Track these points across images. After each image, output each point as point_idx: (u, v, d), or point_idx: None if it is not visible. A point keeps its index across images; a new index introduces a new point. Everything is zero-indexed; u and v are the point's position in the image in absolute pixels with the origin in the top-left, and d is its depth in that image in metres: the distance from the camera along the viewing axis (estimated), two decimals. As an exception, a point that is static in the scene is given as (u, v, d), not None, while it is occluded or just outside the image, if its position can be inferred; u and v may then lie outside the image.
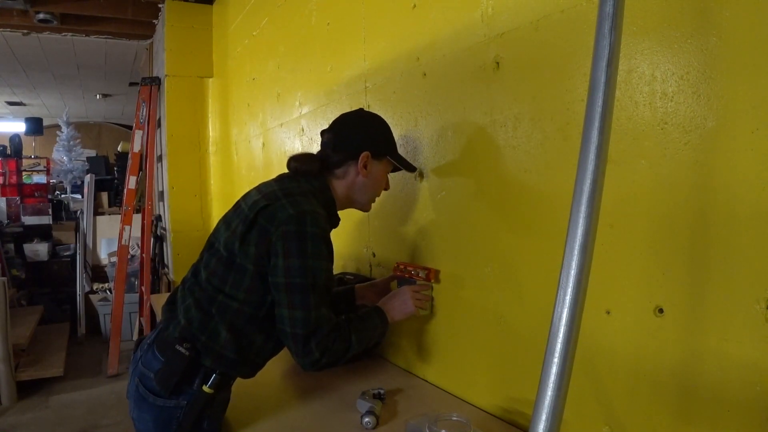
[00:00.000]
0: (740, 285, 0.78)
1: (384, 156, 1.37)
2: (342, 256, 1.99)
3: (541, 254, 1.13)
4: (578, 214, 0.71)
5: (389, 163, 1.39)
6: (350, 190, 1.36)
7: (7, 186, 6.53)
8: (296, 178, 1.30)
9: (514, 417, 1.23)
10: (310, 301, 1.15)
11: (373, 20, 1.73)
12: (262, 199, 1.21)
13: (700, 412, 0.84)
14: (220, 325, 1.19)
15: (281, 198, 1.19)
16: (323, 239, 1.19)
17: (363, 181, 1.35)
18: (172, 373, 1.17)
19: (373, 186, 1.39)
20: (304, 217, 1.16)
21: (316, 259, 1.16)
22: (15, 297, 4.83)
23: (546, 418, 0.69)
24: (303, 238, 1.14)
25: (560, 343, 0.69)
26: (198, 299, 1.22)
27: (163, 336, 1.22)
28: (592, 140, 0.71)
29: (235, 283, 1.19)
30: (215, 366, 1.19)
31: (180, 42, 3.81)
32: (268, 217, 1.17)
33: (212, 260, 1.24)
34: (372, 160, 1.34)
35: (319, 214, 1.20)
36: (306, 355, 1.16)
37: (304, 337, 1.15)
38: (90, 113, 9.54)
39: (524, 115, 1.15)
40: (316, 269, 1.16)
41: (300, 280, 1.14)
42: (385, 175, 1.40)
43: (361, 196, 1.39)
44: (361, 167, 1.33)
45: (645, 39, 0.90)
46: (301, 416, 1.33)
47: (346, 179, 1.35)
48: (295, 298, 1.14)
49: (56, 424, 3.26)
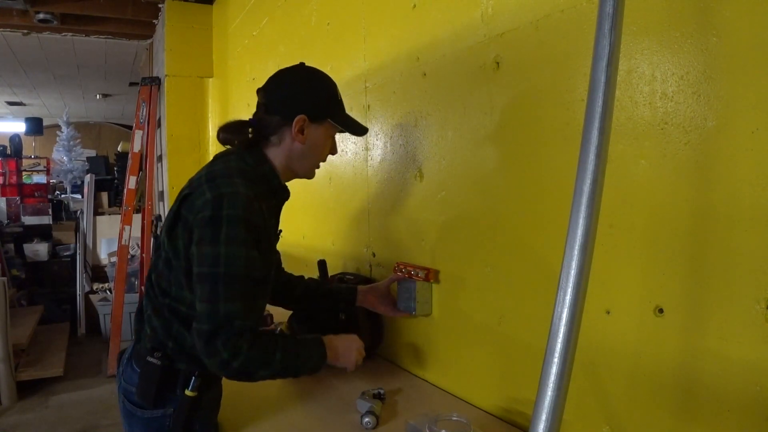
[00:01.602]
0: (740, 285, 0.78)
1: (324, 119, 1.22)
2: (342, 256, 1.99)
3: (541, 254, 1.13)
4: (578, 214, 0.71)
5: (332, 126, 1.24)
6: (288, 158, 1.21)
7: (7, 186, 6.54)
8: (227, 156, 1.18)
9: (514, 417, 1.23)
10: (218, 292, 1.01)
11: (373, 20, 1.73)
12: (186, 187, 1.13)
13: (700, 412, 0.84)
14: (182, 328, 1.13)
15: (204, 183, 1.08)
16: (243, 222, 1.04)
17: (300, 148, 1.20)
18: (149, 384, 1.13)
19: (313, 153, 1.24)
20: (221, 200, 1.04)
21: (230, 245, 1.02)
22: (15, 297, 4.82)
23: (546, 418, 0.69)
24: (217, 223, 1.02)
25: (560, 343, 0.69)
26: (155, 306, 1.17)
27: (137, 348, 1.19)
28: (592, 140, 0.71)
29: (176, 283, 1.12)
30: (191, 368, 1.14)
31: (180, 42, 3.81)
32: (189, 206, 1.08)
33: (159, 261, 1.16)
34: (310, 123, 1.19)
35: (240, 194, 1.05)
36: (211, 354, 1.02)
37: (208, 333, 1.01)
38: (90, 113, 9.54)
39: (524, 115, 1.15)
40: (231, 257, 1.02)
41: (208, 270, 1.02)
42: (326, 140, 1.25)
43: (300, 164, 1.24)
44: (296, 132, 1.18)
45: (645, 39, 0.90)
46: (301, 416, 1.33)
47: (282, 146, 1.20)
48: (203, 289, 1.03)
49: (56, 424, 3.26)
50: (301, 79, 1.24)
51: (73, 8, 3.87)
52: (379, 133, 1.71)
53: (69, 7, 3.86)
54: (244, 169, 1.14)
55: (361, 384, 1.47)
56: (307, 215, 2.31)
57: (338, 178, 2.00)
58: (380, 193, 1.73)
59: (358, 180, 1.85)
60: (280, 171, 1.22)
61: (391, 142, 1.65)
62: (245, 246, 1.04)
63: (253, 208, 1.07)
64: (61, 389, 3.77)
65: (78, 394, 3.68)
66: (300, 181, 1.29)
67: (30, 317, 4.51)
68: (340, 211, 2.00)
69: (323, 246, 2.16)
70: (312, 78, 1.25)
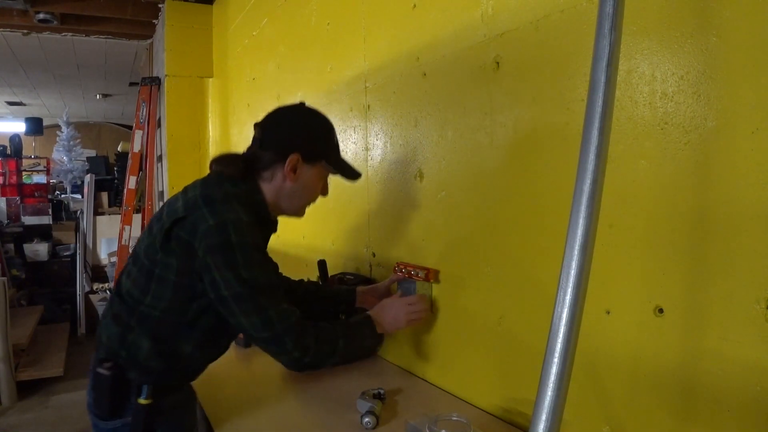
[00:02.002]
0: (740, 285, 0.78)
1: (319, 160, 1.24)
2: (342, 256, 1.99)
3: (541, 254, 1.13)
4: (578, 214, 0.71)
5: (325, 168, 1.26)
6: (277, 195, 1.23)
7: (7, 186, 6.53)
8: (220, 181, 1.18)
9: (514, 417, 1.23)
10: (261, 303, 1.09)
11: (373, 20, 1.73)
12: (181, 208, 1.13)
13: (700, 412, 0.84)
14: (141, 337, 1.14)
15: (201, 207, 1.10)
16: (252, 246, 1.11)
17: (291, 187, 1.22)
18: (101, 396, 1.14)
19: (304, 193, 1.26)
20: (226, 227, 1.08)
21: (249, 269, 1.08)
22: (15, 297, 4.82)
23: (546, 418, 0.68)
24: (230, 249, 1.07)
25: (560, 343, 0.69)
26: (117, 313, 1.18)
27: (92, 359, 1.20)
28: (592, 140, 0.71)
29: (156, 293, 1.14)
30: (142, 379, 1.15)
31: (180, 42, 3.81)
32: (189, 229, 1.09)
33: (134, 269, 1.18)
34: (303, 163, 1.21)
35: (242, 221, 1.10)
36: (282, 353, 1.12)
37: (273, 338, 1.10)
38: (90, 113, 9.54)
39: (524, 115, 1.15)
40: (255, 276, 1.09)
41: (241, 289, 1.08)
42: (318, 181, 1.27)
43: (288, 203, 1.26)
44: (288, 171, 1.20)
45: (645, 39, 0.90)
46: (301, 416, 1.33)
47: (273, 183, 1.22)
48: (245, 306, 1.09)
49: (56, 424, 3.26)
50: (299, 119, 1.26)
51: (73, 8, 3.87)
52: (379, 133, 1.71)
53: (69, 7, 3.86)
54: (239, 195, 1.16)
55: (361, 384, 1.47)
56: (307, 215, 2.30)
57: (338, 178, 2.00)
58: (380, 193, 1.73)
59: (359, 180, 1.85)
60: (270, 205, 1.24)
61: (391, 142, 1.65)
62: (261, 265, 1.12)
63: (255, 232, 1.13)
64: (61, 389, 3.77)
65: (78, 394, 3.68)
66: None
67: (30, 317, 4.51)
68: (340, 211, 2.00)
69: (323, 246, 2.15)
70: (310, 118, 1.27)
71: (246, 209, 1.13)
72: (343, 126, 1.94)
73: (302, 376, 1.57)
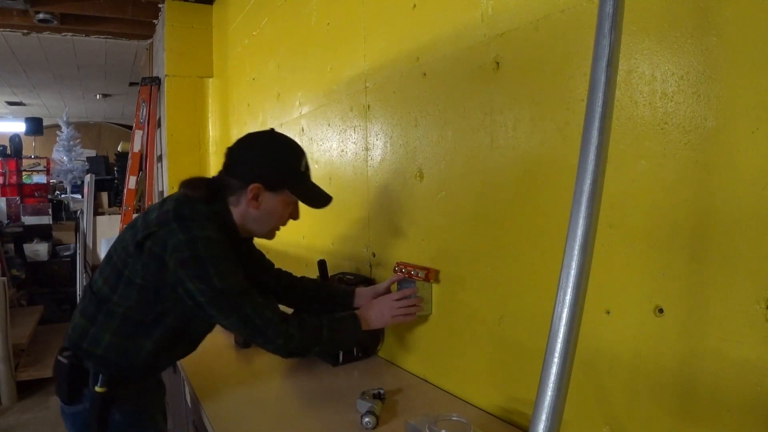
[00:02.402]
0: (740, 285, 0.78)
1: (282, 189, 1.26)
2: (342, 256, 1.99)
3: (541, 254, 1.13)
4: (578, 214, 0.71)
5: (290, 195, 1.28)
6: (243, 219, 1.27)
7: (7, 186, 6.54)
8: (192, 200, 1.22)
9: (514, 417, 1.23)
10: (236, 303, 1.16)
11: (373, 20, 1.73)
12: (154, 222, 1.17)
13: (700, 412, 0.84)
14: (103, 331, 1.21)
15: (171, 222, 1.15)
16: (223, 258, 1.16)
17: (255, 214, 1.26)
18: (60, 382, 1.22)
19: (269, 219, 1.29)
20: (196, 243, 1.13)
21: (222, 279, 1.14)
22: (15, 297, 4.82)
23: (546, 418, 0.68)
24: (202, 264, 1.13)
25: (560, 343, 0.69)
26: (85, 306, 1.25)
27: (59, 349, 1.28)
28: (592, 140, 0.71)
29: (123, 293, 1.20)
30: (98, 369, 1.21)
31: (180, 42, 3.80)
32: (160, 243, 1.14)
33: (107, 268, 1.25)
34: (265, 191, 1.24)
35: (211, 239, 1.15)
36: (267, 343, 1.20)
37: (255, 331, 1.18)
38: (90, 113, 9.54)
39: (524, 115, 1.15)
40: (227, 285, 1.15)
41: (215, 294, 1.14)
42: (283, 208, 1.29)
43: (255, 227, 1.30)
44: (250, 199, 1.24)
45: (645, 39, 0.90)
46: (301, 416, 1.33)
47: (239, 208, 1.26)
48: (222, 309, 1.16)
49: (56, 424, 3.26)
50: (264, 147, 1.28)
51: (73, 8, 3.87)
52: (379, 133, 1.71)
53: (69, 7, 3.86)
54: (209, 215, 1.20)
55: (361, 384, 1.47)
56: (307, 215, 2.30)
57: (338, 178, 2.00)
58: (380, 193, 1.73)
59: (358, 180, 1.85)
60: (239, 227, 1.29)
61: (391, 142, 1.65)
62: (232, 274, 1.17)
63: (225, 248, 1.18)
64: (61, 389, 3.77)
65: (78, 394, 3.68)
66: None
67: (30, 317, 4.51)
68: (340, 211, 2.00)
69: (323, 246, 2.15)
70: (275, 146, 1.29)
71: (216, 227, 1.18)
72: (343, 126, 1.94)
73: (302, 375, 1.57)
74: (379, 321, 1.36)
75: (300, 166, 1.29)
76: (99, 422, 1.21)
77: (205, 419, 1.35)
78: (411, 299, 1.40)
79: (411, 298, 1.41)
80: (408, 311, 1.38)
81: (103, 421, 1.21)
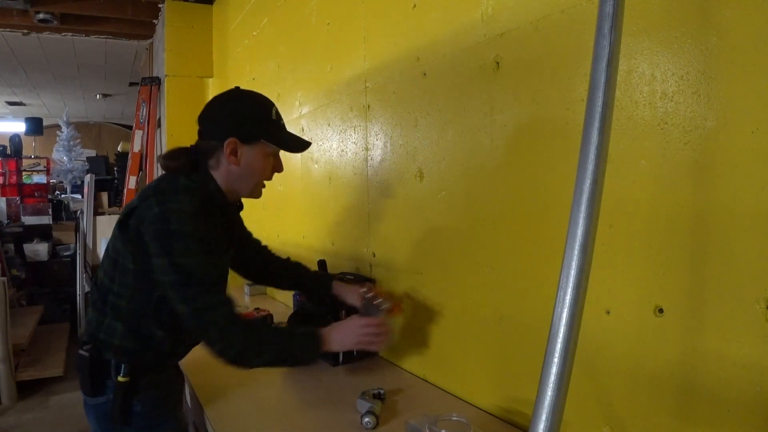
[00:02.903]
0: (740, 285, 0.78)
1: (257, 139, 1.24)
2: (342, 256, 1.99)
3: (541, 254, 1.13)
4: (578, 214, 0.71)
5: (267, 145, 1.26)
6: (227, 180, 1.26)
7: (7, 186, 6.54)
8: (176, 175, 1.22)
9: (514, 417, 1.23)
10: (190, 293, 1.13)
11: (373, 20, 1.73)
12: (136, 199, 1.19)
13: (700, 412, 0.84)
14: (115, 321, 1.22)
15: (151, 196, 1.15)
16: (191, 235, 1.13)
17: (237, 170, 1.24)
18: (83, 375, 1.23)
19: (251, 174, 1.27)
20: (169, 216, 1.12)
21: (184, 256, 1.12)
22: (15, 297, 4.82)
23: (546, 418, 0.69)
24: (168, 237, 1.12)
25: (560, 343, 0.69)
26: (95, 300, 1.26)
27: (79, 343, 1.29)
28: (592, 140, 0.71)
29: (121, 282, 1.20)
30: (118, 359, 1.22)
31: (180, 42, 3.81)
32: (138, 217, 1.15)
33: (106, 260, 1.25)
34: (242, 145, 1.23)
35: (185, 212, 1.14)
36: (209, 344, 1.15)
37: (200, 327, 1.14)
38: (90, 113, 9.54)
39: (524, 115, 1.15)
40: (187, 265, 1.12)
41: (176, 277, 1.12)
42: (263, 160, 1.27)
43: (240, 186, 1.28)
44: (228, 155, 1.22)
45: (645, 39, 0.90)
46: (301, 416, 1.33)
47: (221, 169, 1.25)
48: (178, 294, 1.13)
49: (56, 424, 3.26)
50: (230, 103, 1.27)
51: (73, 8, 3.87)
52: (379, 133, 1.71)
53: (69, 7, 3.86)
54: (190, 187, 1.19)
55: (361, 384, 1.47)
56: (307, 215, 2.31)
57: (338, 178, 2.00)
58: (380, 192, 1.73)
59: (358, 180, 1.85)
60: (225, 191, 1.27)
61: (391, 142, 1.65)
62: (198, 254, 1.13)
63: (198, 222, 1.15)
64: (61, 389, 3.77)
65: (78, 394, 3.62)
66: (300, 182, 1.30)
67: (30, 317, 4.51)
68: (340, 211, 2.00)
69: (323, 246, 2.16)
70: (243, 101, 1.28)
71: (194, 200, 1.17)
72: (343, 126, 1.94)
73: (303, 375, 1.58)
74: (340, 345, 1.28)
75: (271, 115, 1.27)
76: (122, 412, 1.21)
77: (205, 419, 1.36)
78: (379, 328, 1.28)
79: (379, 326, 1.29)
80: (374, 339, 1.28)
81: (126, 412, 1.22)
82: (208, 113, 1.27)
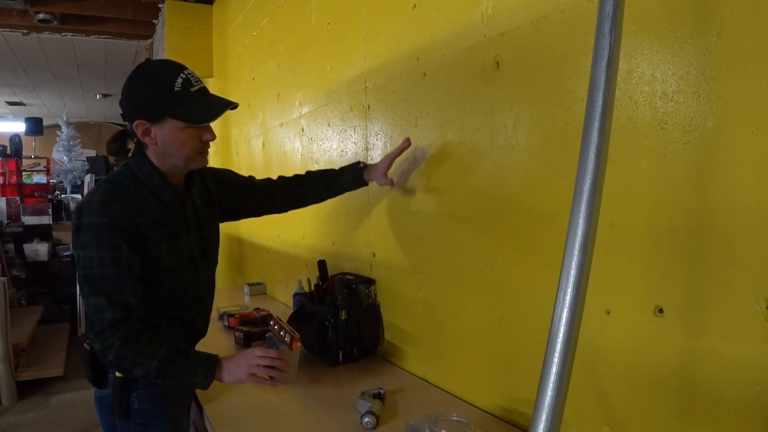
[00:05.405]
0: (740, 285, 0.78)
1: (163, 117, 1.16)
2: (342, 256, 1.99)
3: (541, 254, 1.13)
4: (578, 214, 0.71)
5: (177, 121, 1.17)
6: (158, 158, 1.22)
7: (7, 186, 6.54)
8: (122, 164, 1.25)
9: (514, 417, 1.23)
10: (84, 290, 1.15)
11: (373, 20, 1.73)
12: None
13: (700, 412, 0.84)
14: None
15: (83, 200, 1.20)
16: (94, 227, 1.12)
17: (159, 149, 1.20)
18: (86, 367, 1.27)
19: (175, 150, 1.20)
20: (81, 209, 1.16)
21: (85, 249, 1.13)
22: (15, 297, 4.82)
23: (546, 418, 0.69)
24: (77, 230, 1.15)
25: (560, 343, 0.69)
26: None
27: None
28: (592, 140, 0.71)
29: None
30: None
31: (180, 42, 3.80)
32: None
33: None
34: (152, 124, 1.17)
35: (94, 202, 1.14)
36: (93, 341, 1.16)
37: (90, 326, 1.16)
38: (90, 113, 9.54)
39: (524, 115, 1.15)
40: (85, 258, 1.13)
41: (81, 272, 1.14)
42: (180, 134, 1.18)
43: (174, 160, 1.23)
44: (142, 137, 1.19)
45: (645, 39, 0.90)
46: (301, 416, 1.33)
47: (150, 148, 1.22)
48: (82, 290, 1.17)
49: (56, 424, 3.26)
50: (132, 84, 1.20)
51: (73, 8, 3.87)
52: (379, 133, 1.71)
53: (69, 7, 3.86)
54: (115, 176, 1.22)
55: (361, 384, 1.47)
56: (307, 215, 2.31)
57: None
58: (380, 193, 1.73)
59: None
60: (165, 171, 1.24)
61: (391, 142, 1.65)
62: (96, 248, 1.13)
63: (107, 213, 1.13)
64: (61, 389, 3.77)
65: (78, 394, 3.68)
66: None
67: (30, 317, 4.51)
68: (340, 211, 2.00)
69: (323, 246, 2.16)
70: (142, 77, 1.20)
71: (114, 188, 1.18)
72: (343, 126, 1.94)
73: (302, 375, 1.57)
74: (233, 376, 1.20)
75: (173, 87, 1.16)
76: (120, 406, 1.24)
77: (205, 419, 1.36)
78: (277, 361, 1.20)
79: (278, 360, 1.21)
80: (269, 373, 1.21)
81: (124, 406, 1.24)
82: (121, 96, 1.22)
